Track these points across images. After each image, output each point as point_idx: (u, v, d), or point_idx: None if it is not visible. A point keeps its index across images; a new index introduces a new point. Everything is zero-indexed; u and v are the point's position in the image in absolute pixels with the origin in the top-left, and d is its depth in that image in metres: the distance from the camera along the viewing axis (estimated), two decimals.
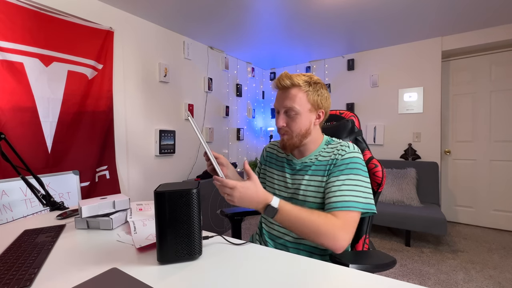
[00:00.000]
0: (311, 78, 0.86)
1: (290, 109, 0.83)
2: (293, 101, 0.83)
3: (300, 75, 0.85)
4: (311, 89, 0.84)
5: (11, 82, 1.69)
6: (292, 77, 0.84)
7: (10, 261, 0.60)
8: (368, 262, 0.71)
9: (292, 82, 0.83)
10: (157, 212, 0.59)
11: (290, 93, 0.84)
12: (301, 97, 0.83)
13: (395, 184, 2.86)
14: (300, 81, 0.83)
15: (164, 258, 0.60)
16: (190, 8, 2.30)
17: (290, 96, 0.83)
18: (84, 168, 2.03)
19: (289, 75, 0.85)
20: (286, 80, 0.83)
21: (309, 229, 0.71)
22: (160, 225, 0.59)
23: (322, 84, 0.87)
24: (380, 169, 0.93)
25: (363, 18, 2.50)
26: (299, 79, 0.83)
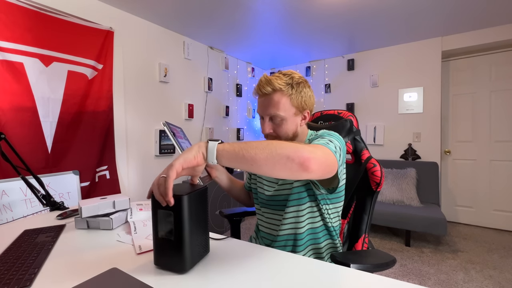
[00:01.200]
0: (292, 78, 0.81)
1: (275, 116, 0.81)
2: (277, 108, 0.80)
3: (281, 77, 0.81)
4: (294, 91, 0.80)
5: (11, 82, 1.69)
6: (272, 81, 0.79)
7: (10, 261, 0.60)
8: (369, 262, 0.71)
9: (273, 88, 0.79)
10: (177, 216, 0.55)
11: (273, 100, 0.80)
12: (284, 102, 0.80)
13: (395, 184, 2.86)
14: (282, 84, 0.79)
15: (185, 267, 0.55)
16: (190, 8, 2.30)
17: (273, 103, 0.80)
18: (84, 168, 2.03)
19: (269, 78, 0.80)
20: (266, 87, 0.80)
21: (263, 151, 0.56)
22: (179, 229, 0.54)
23: (304, 83, 0.84)
24: (378, 169, 0.93)
25: (363, 18, 2.50)
26: (280, 83, 0.79)
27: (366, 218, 0.96)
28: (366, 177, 0.96)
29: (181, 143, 0.88)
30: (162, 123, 0.85)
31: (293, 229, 0.84)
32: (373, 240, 2.67)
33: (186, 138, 1.05)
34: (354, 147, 1.00)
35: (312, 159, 0.57)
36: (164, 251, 0.56)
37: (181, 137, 0.96)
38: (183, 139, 0.96)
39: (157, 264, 0.57)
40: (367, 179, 0.96)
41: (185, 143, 0.96)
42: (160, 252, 0.56)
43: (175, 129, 0.93)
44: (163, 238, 0.55)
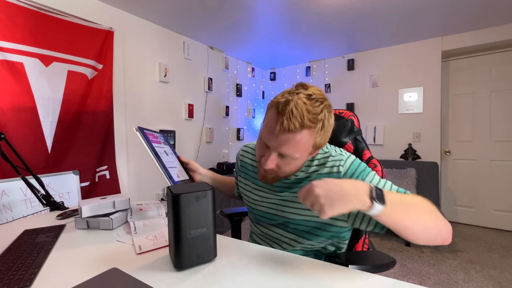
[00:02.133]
0: (326, 111, 0.65)
1: (288, 155, 0.66)
2: (295, 149, 0.64)
3: (313, 107, 0.63)
4: (323, 130, 0.65)
5: (11, 82, 1.69)
6: (304, 113, 0.61)
7: (10, 261, 0.60)
8: (368, 263, 0.71)
9: (302, 125, 0.61)
10: (175, 216, 0.56)
11: (294, 139, 0.63)
12: (306, 142, 0.64)
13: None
14: (313, 121, 0.62)
15: (185, 264, 0.56)
16: (190, 8, 2.30)
17: (293, 143, 0.63)
18: (84, 168, 2.03)
19: (302, 111, 0.61)
20: (296, 122, 0.61)
21: (422, 221, 0.56)
22: (178, 229, 0.55)
23: (330, 113, 0.67)
24: (380, 169, 0.92)
25: (363, 18, 2.50)
26: (312, 119, 0.62)
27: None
28: None
29: (157, 148, 0.83)
30: (135, 129, 0.81)
31: (301, 250, 0.77)
32: (373, 240, 2.67)
33: (168, 143, 1.00)
34: (355, 147, 0.99)
35: (451, 235, 0.59)
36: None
37: (159, 142, 0.92)
38: (161, 144, 0.92)
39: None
40: None
41: (163, 147, 0.90)
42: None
43: (151, 134, 0.88)
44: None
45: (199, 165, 0.99)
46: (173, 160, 0.91)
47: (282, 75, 4.14)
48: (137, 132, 0.77)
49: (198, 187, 0.60)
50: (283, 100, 0.64)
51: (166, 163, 0.81)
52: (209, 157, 3.27)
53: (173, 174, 0.80)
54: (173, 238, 0.57)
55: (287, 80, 4.08)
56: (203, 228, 0.58)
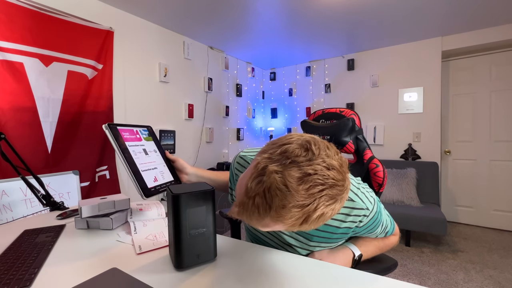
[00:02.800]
0: (325, 199, 0.42)
1: None
2: (261, 227, 0.47)
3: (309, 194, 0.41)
4: (306, 225, 0.44)
5: (11, 82, 1.69)
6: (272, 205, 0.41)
7: (10, 261, 0.60)
8: (370, 267, 0.72)
9: (266, 215, 0.43)
10: (175, 216, 0.55)
11: (259, 222, 0.45)
12: (278, 227, 0.46)
13: (395, 184, 2.86)
14: (290, 215, 0.42)
15: (185, 264, 0.56)
16: (190, 8, 2.30)
17: (257, 224, 0.46)
18: (84, 168, 2.03)
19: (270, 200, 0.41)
20: (253, 213, 0.44)
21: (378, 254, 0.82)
22: (178, 229, 0.55)
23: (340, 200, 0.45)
24: (381, 169, 0.91)
25: (363, 18, 2.50)
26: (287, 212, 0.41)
27: None
28: (368, 177, 0.93)
29: (131, 147, 0.75)
30: (104, 126, 0.72)
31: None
32: None
33: (154, 138, 0.92)
34: (356, 146, 0.98)
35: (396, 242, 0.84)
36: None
37: (139, 138, 0.83)
38: (141, 141, 0.83)
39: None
40: (369, 180, 0.93)
41: (142, 145, 0.82)
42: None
43: (129, 131, 0.80)
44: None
45: (186, 163, 0.93)
46: (153, 159, 0.83)
47: (282, 75, 4.14)
48: (106, 130, 0.70)
49: (198, 187, 0.60)
50: (261, 166, 0.43)
51: (140, 166, 0.73)
52: (209, 157, 3.27)
53: (148, 178, 0.72)
54: (173, 238, 0.56)
55: (287, 80, 4.08)
56: (203, 228, 0.58)
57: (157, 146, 0.93)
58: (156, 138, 0.95)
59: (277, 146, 0.46)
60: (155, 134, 0.97)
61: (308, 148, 0.44)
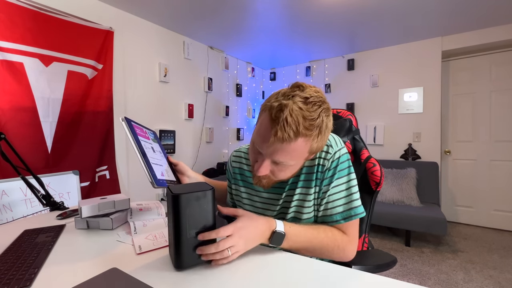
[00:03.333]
0: (325, 115, 0.61)
1: (283, 163, 0.64)
2: (290, 157, 0.62)
3: (310, 112, 0.59)
4: (320, 137, 0.62)
5: (11, 82, 1.69)
6: (299, 121, 0.58)
7: (10, 261, 0.60)
8: (370, 262, 0.71)
9: (298, 132, 0.58)
10: (175, 216, 0.56)
11: (289, 147, 0.60)
12: (302, 150, 0.62)
13: (395, 184, 2.86)
14: (310, 128, 0.59)
15: (185, 264, 0.57)
16: (190, 8, 2.30)
17: (289, 151, 0.61)
18: (84, 168, 2.03)
19: (298, 120, 0.58)
20: (290, 131, 0.58)
21: (319, 250, 0.67)
22: (178, 229, 0.55)
23: (328, 118, 0.63)
24: (378, 168, 0.92)
25: (363, 18, 2.50)
26: (308, 126, 0.59)
27: (366, 218, 0.95)
28: (366, 176, 0.94)
29: (143, 142, 0.79)
30: (120, 119, 0.75)
31: None
32: (373, 240, 2.67)
33: (158, 142, 0.96)
34: (353, 146, 0.99)
35: (352, 257, 0.70)
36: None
37: (148, 137, 0.87)
38: (150, 140, 0.87)
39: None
40: (366, 179, 0.94)
41: (150, 143, 0.86)
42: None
43: (140, 128, 0.84)
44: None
45: (189, 167, 0.95)
46: (160, 158, 0.86)
47: (282, 75, 4.14)
48: (123, 122, 0.72)
49: (198, 187, 0.60)
50: (277, 104, 0.59)
51: (151, 159, 0.77)
52: (209, 157, 3.27)
53: (157, 171, 0.76)
54: (173, 238, 0.57)
55: (287, 80, 4.08)
56: (203, 228, 0.58)
57: (161, 149, 0.95)
58: (160, 143, 0.98)
59: (276, 93, 0.64)
60: (159, 139, 0.99)
61: (297, 85, 0.63)
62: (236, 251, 0.58)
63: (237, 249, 0.58)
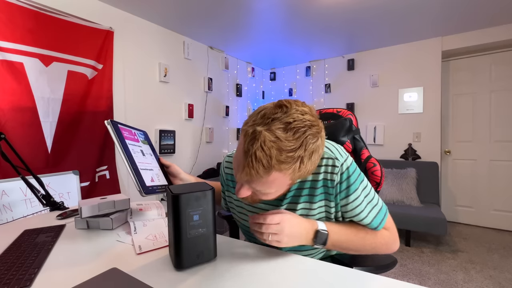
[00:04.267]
0: (310, 137, 0.52)
1: (260, 191, 0.58)
2: (267, 186, 0.56)
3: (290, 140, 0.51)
4: (303, 166, 0.53)
5: (11, 82, 1.69)
6: (272, 155, 0.50)
7: (10, 261, 0.60)
8: (370, 263, 0.71)
9: (270, 166, 0.51)
10: (175, 216, 0.56)
11: (263, 180, 0.54)
12: (280, 180, 0.55)
13: (395, 184, 2.86)
14: (286, 161, 0.51)
15: (185, 264, 0.57)
16: (190, 8, 2.30)
17: (264, 182, 0.54)
18: (84, 168, 2.03)
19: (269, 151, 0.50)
20: (258, 168, 0.51)
21: (364, 248, 0.68)
22: (178, 229, 0.55)
23: (321, 137, 0.55)
24: (378, 168, 0.92)
25: (363, 18, 2.50)
26: (284, 158, 0.50)
27: None
28: (366, 176, 0.94)
29: (130, 145, 0.77)
30: (106, 122, 0.73)
31: None
32: None
33: (149, 143, 0.93)
34: (353, 146, 0.99)
35: (391, 248, 0.70)
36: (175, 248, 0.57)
37: (137, 140, 0.84)
38: (139, 142, 0.85)
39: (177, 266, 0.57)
40: (367, 179, 0.94)
41: (139, 146, 0.83)
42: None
43: (128, 130, 0.82)
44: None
45: (181, 169, 0.92)
46: (150, 161, 0.84)
47: (282, 75, 4.14)
48: (108, 126, 0.70)
49: (198, 187, 0.60)
50: (251, 131, 0.52)
51: (139, 164, 0.74)
52: (209, 157, 3.27)
53: (146, 177, 0.73)
54: (173, 238, 0.57)
55: (287, 80, 4.08)
56: (203, 228, 0.58)
57: (152, 150, 0.92)
58: (151, 143, 0.95)
59: (256, 114, 0.56)
60: (150, 140, 0.97)
61: (281, 105, 0.54)
62: (277, 240, 0.58)
63: (278, 238, 0.58)
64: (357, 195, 0.66)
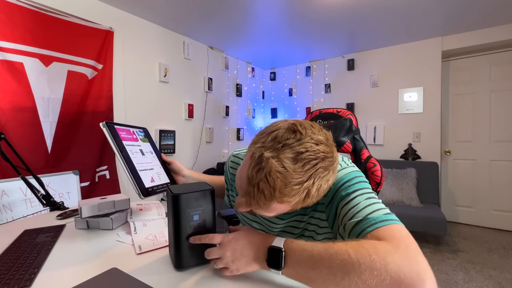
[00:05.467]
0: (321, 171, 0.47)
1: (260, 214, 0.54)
2: (267, 212, 0.51)
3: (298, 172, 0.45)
4: (308, 199, 0.48)
5: (11, 82, 1.69)
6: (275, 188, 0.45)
7: (10, 261, 0.60)
8: None
9: (271, 198, 0.46)
10: (175, 216, 0.55)
11: (263, 208, 0.49)
12: (281, 209, 0.50)
13: (395, 184, 2.86)
14: (290, 194, 0.46)
15: (185, 264, 0.56)
16: (190, 8, 2.30)
17: (265, 209, 0.49)
18: (84, 168, 2.03)
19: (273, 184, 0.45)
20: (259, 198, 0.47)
21: (343, 268, 0.40)
22: (178, 229, 0.55)
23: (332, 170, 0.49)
24: (378, 168, 0.92)
25: (363, 18, 2.50)
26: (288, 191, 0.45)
27: None
28: (366, 176, 0.94)
29: (128, 146, 0.76)
30: (101, 124, 0.72)
31: None
32: None
33: (150, 140, 0.92)
34: (353, 146, 0.99)
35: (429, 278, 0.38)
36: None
37: (135, 139, 0.84)
38: (138, 141, 0.84)
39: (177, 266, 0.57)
40: (367, 179, 0.94)
41: (138, 146, 0.82)
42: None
43: (125, 130, 0.81)
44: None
45: (184, 166, 0.92)
46: (150, 160, 0.84)
47: (282, 75, 4.14)
48: (104, 128, 0.70)
49: (198, 187, 0.60)
50: (258, 155, 0.47)
51: (137, 165, 0.74)
52: (209, 157, 3.27)
53: (145, 178, 0.73)
54: (173, 238, 0.57)
55: (287, 80, 4.08)
56: (203, 228, 0.58)
57: (152, 147, 0.92)
58: (151, 140, 0.95)
59: (267, 134, 0.50)
60: (150, 136, 0.96)
61: (295, 130, 0.48)
62: (224, 267, 0.50)
63: (224, 263, 0.50)
64: (352, 198, 0.53)
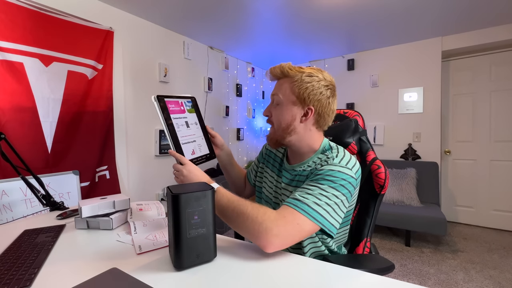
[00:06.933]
0: (304, 70, 0.78)
1: (275, 97, 0.81)
2: (278, 90, 0.80)
3: (297, 67, 0.79)
4: (299, 80, 0.76)
5: (11, 82, 1.69)
6: (286, 65, 0.79)
7: (10, 261, 0.60)
8: (363, 267, 0.70)
9: (282, 71, 0.79)
10: (175, 216, 0.56)
11: (279, 82, 0.82)
12: (286, 87, 0.78)
13: (395, 184, 2.86)
14: (291, 73, 0.78)
15: (185, 264, 0.57)
16: (190, 8, 2.30)
17: (278, 84, 0.81)
18: (84, 168, 2.03)
19: (288, 65, 0.79)
20: (277, 69, 0.80)
21: (237, 214, 0.65)
22: (178, 229, 0.56)
23: (318, 78, 0.76)
24: (383, 171, 0.89)
25: (363, 18, 2.50)
26: (289, 69, 0.78)
27: (369, 221, 0.92)
28: (371, 179, 0.92)
29: (174, 119, 0.79)
30: (153, 98, 0.75)
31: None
32: (373, 240, 2.67)
33: (196, 110, 0.92)
34: (359, 147, 0.96)
35: (273, 244, 0.61)
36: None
37: (183, 111, 0.85)
38: (185, 113, 0.85)
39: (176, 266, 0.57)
40: (371, 181, 0.92)
41: (185, 117, 0.85)
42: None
43: (174, 102, 0.83)
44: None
45: (224, 141, 1.02)
46: (193, 132, 0.86)
47: None
48: (155, 102, 0.74)
49: (198, 187, 0.60)
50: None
51: (181, 139, 0.79)
52: None
53: (186, 151, 0.79)
54: (173, 238, 0.57)
55: None
56: (203, 228, 0.58)
57: (198, 118, 0.92)
58: (198, 110, 0.94)
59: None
60: (198, 106, 0.95)
61: (318, 69, 0.81)
62: (176, 177, 0.76)
63: (178, 176, 0.75)
64: (316, 185, 0.69)
